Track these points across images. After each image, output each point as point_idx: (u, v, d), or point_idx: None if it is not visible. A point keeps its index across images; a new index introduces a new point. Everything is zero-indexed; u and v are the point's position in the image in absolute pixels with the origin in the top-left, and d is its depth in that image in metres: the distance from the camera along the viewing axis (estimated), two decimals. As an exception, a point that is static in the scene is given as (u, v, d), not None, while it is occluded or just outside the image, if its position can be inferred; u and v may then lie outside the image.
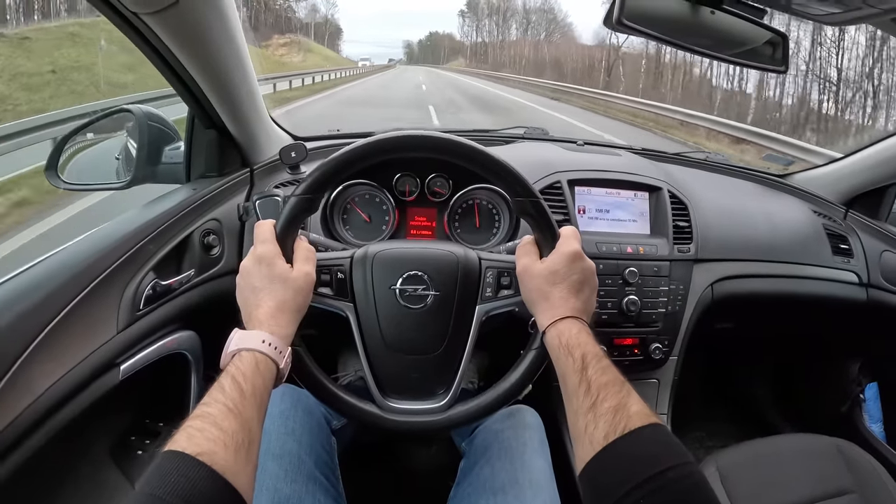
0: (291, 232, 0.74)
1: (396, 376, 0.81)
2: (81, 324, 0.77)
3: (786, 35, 0.87)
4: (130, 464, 0.95)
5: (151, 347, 0.91)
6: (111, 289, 0.83)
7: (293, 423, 0.90)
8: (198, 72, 0.94)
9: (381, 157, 0.77)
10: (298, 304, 0.70)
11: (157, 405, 1.05)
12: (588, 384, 0.61)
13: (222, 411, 0.54)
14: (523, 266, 0.75)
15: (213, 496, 0.49)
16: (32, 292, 0.73)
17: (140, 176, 1.11)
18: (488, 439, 0.94)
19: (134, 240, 0.89)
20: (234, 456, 0.52)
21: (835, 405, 1.63)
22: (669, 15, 0.81)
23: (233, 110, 1.05)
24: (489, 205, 1.15)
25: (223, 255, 1.07)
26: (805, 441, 1.17)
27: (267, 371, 0.62)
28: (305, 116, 11.36)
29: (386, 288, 0.79)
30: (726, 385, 1.91)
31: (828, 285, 1.36)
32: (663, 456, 0.53)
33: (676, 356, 1.20)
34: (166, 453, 0.50)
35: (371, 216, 1.14)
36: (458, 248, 0.83)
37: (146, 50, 0.89)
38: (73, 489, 0.85)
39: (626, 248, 1.14)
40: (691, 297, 1.19)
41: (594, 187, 1.19)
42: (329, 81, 23.33)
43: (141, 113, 1.12)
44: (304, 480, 0.83)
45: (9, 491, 0.68)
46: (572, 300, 0.71)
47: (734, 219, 1.31)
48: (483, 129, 1.48)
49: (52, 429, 0.72)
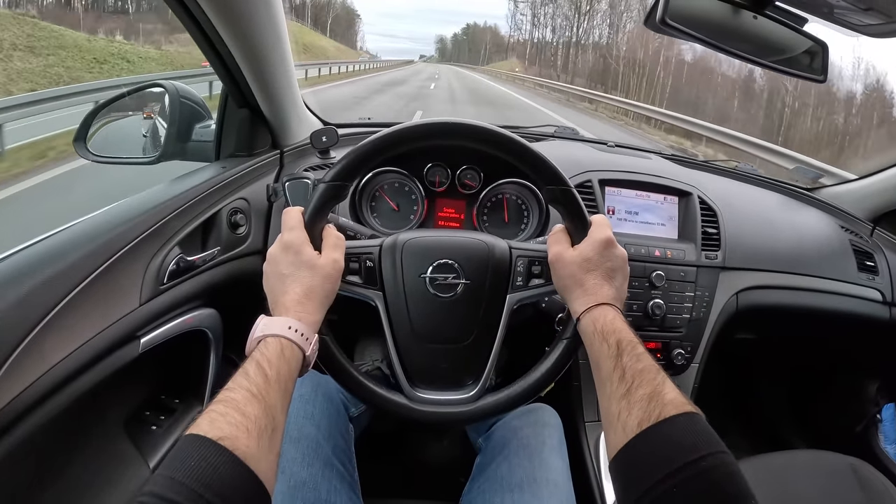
0: (320, 219, 0.73)
1: (425, 366, 0.80)
2: (104, 294, 0.77)
3: (826, 44, 0.86)
4: (143, 438, 0.95)
5: (172, 322, 0.90)
6: (136, 261, 0.83)
7: (313, 407, 0.89)
8: (238, 49, 0.94)
9: (414, 144, 0.76)
10: (326, 291, 0.69)
11: (173, 381, 1.05)
12: (623, 370, 0.60)
13: (246, 396, 0.53)
14: (556, 253, 0.74)
15: (234, 481, 0.48)
16: (54, 261, 0.73)
17: (169, 152, 1.11)
18: (507, 436, 0.93)
19: (161, 214, 0.88)
20: (256, 442, 0.51)
21: (851, 423, 1.61)
22: (711, 17, 0.80)
23: (267, 91, 1.05)
24: (518, 200, 1.14)
25: (249, 235, 1.07)
26: (819, 458, 1.15)
27: (293, 358, 0.61)
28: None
29: (416, 276, 0.79)
30: (742, 396, 1.89)
31: (851, 301, 1.34)
32: (698, 444, 0.52)
33: (698, 363, 1.18)
34: (188, 437, 0.49)
35: (399, 205, 1.14)
36: (488, 237, 0.82)
37: (189, 24, 0.89)
38: (84, 458, 0.85)
39: (654, 251, 1.13)
40: (716, 304, 1.18)
41: (625, 188, 1.18)
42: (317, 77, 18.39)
43: (173, 89, 1.12)
44: (321, 465, 0.82)
45: (21, 455, 0.67)
46: (606, 287, 0.70)
47: (761, 229, 1.30)
48: (513, 126, 1.47)
49: (69, 396, 0.72)
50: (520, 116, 13.62)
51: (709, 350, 1.19)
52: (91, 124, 1.13)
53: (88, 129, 1.13)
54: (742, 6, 0.79)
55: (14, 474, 0.70)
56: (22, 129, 5.49)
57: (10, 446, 0.65)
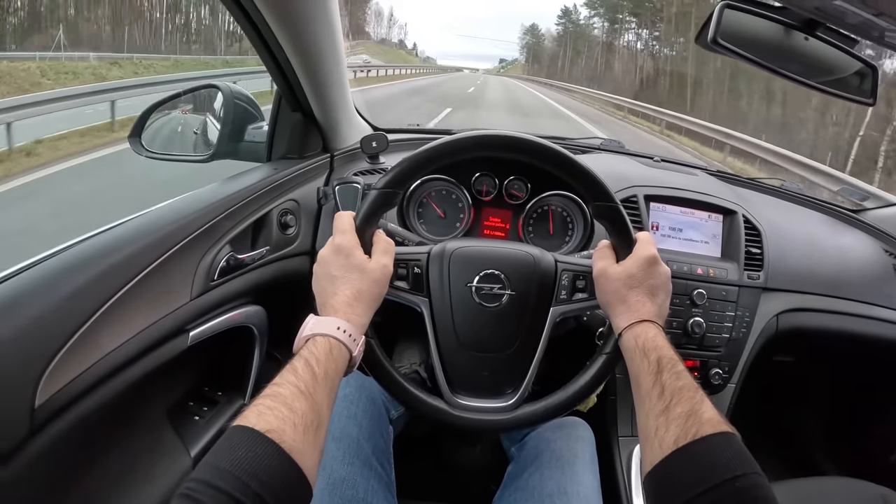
0: (371, 224, 0.75)
1: (467, 373, 0.81)
2: (157, 288, 0.80)
3: (876, 67, 0.84)
4: (186, 427, 0.97)
5: (220, 318, 0.93)
6: (188, 258, 0.86)
7: (356, 408, 0.91)
8: (294, 54, 0.96)
9: (464, 155, 0.77)
10: (374, 295, 0.71)
11: (217, 375, 1.07)
12: (662, 387, 0.61)
13: (293, 392, 0.55)
14: (600, 269, 0.75)
15: (279, 473, 0.49)
16: (110, 254, 0.76)
17: (222, 151, 1.14)
18: (540, 447, 0.94)
19: (214, 213, 0.91)
20: (302, 436, 0.52)
21: (886, 453, 1.57)
22: (763, 38, 0.80)
23: (321, 95, 1.07)
24: (564, 212, 1.15)
25: (298, 236, 1.09)
26: (851, 486, 1.12)
27: (340, 357, 0.63)
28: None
29: (462, 285, 0.80)
30: (777, 418, 1.86)
31: (893, 328, 1.31)
32: (733, 464, 0.52)
33: (735, 384, 1.17)
34: (235, 427, 0.51)
35: (446, 212, 1.15)
36: (534, 250, 0.83)
37: (247, 28, 0.92)
38: (129, 442, 0.87)
39: (696, 269, 1.12)
40: (756, 325, 1.16)
41: (669, 205, 1.18)
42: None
43: (228, 90, 1.15)
44: (360, 465, 0.83)
45: (73, 437, 0.70)
46: (649, 304, 0.71)
47: (805, 250, 1.28)
48: (559, 137, 1.47)
49: (119, 384, 0.75)
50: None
51: (746, 371, 1.18)
52: (147, 121, 1.17)
53: (144, 126, 1.16)
54: (794, 27, 0.79)
55: (65, 455, 0.73)
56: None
57: (62, 428, 0.68)
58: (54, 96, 6.63)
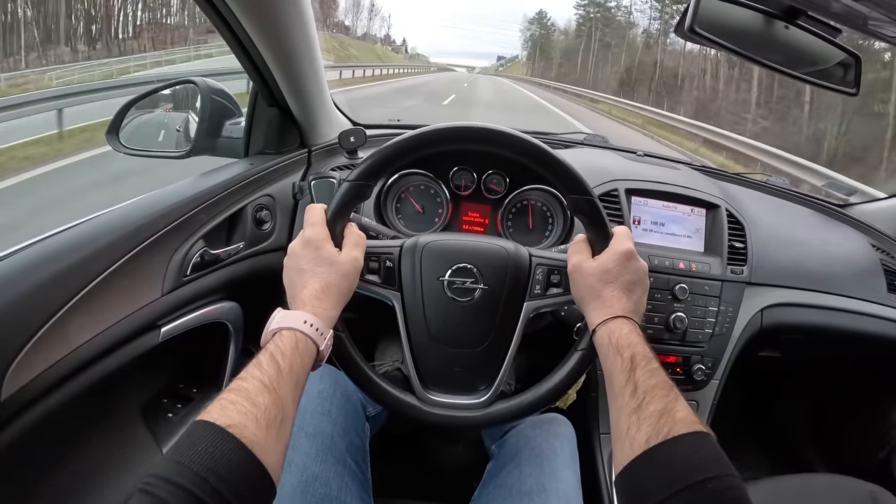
0: (342, 217, 0.74)
1: (438, 369, 0.80)
2: (127, 283, 0.79)
3: (859, 56, 0.84)
4: (159, 424, 0.97)
5: (194, 314, 0.93)
6: (160, 253, 0.85)
7: (330, 404, 0.90)
8: (267, 49, 0.96)
9: (438, 147, 0.76)
10: (343, 289, 0.70)
11: (192, 371, 1.07)
12: (635, 385, 0.60)
13: (257, 387, 0.54)
14: (575, 263, 0.74)
15: (240, 468, 0.48)
16: (79, 249, 0.75)
17: (199, 147, 1.13)
18: (519, 444, 0.93)
19: (187, 207, 0.90)
20: (264, 431, 0.52)
21: (873, 449, 1.56)
22: (742, 26, 0.79)
23: (297, 90, 1.07)
24: (543, 206, 1.14)
25: (274, 231, 1.08)
26: (838, 483, 1.12)
27: (306, 351, 0.62)
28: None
29: (434, 279, 0.79)
30: (762, 414, 1.86)
31: (880, 323, 1.30)
32: (705, 465, 0.51)
33: (718, 380, 1.16)
34: (197, 423, 0.50)
35: (424, 207, 1.14)
36: (508, 244, 0.82)
37: (218, 23, 0.91)
38: (100, 439, 0.87)
39: (678, 263, 1.11)
40: (740, 320, 1.15)
41: (651, 199, 1.16)
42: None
43: (205, 86, 1.14)
44: (334, 462, 0.83)
45: (41, 431, 0.69)
46: (624, 300, 0.70)
47: (790, 245, 1.27)
48: (543, 132, 1.46)
49: (90, 378, 0.74)
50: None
51: (730, 367, 1.17)
52: (124, 118, 1.16)
53: (121, 122, 1.15)
54: (774, 16, 0.77)
55: (34, 450, 0.72)
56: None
57: (30, 423, 0.67)
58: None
